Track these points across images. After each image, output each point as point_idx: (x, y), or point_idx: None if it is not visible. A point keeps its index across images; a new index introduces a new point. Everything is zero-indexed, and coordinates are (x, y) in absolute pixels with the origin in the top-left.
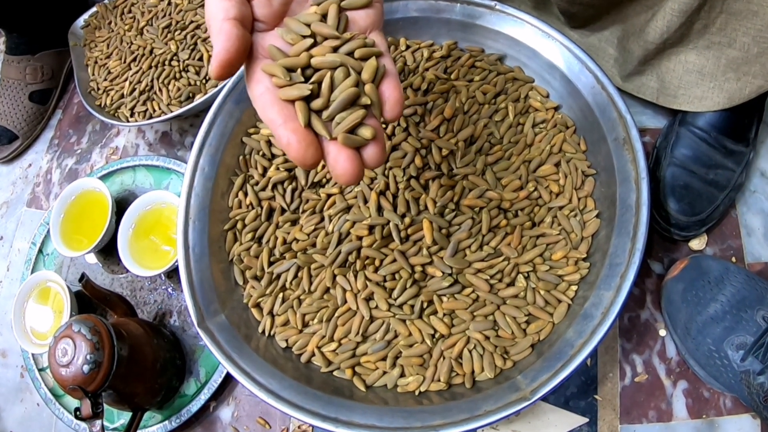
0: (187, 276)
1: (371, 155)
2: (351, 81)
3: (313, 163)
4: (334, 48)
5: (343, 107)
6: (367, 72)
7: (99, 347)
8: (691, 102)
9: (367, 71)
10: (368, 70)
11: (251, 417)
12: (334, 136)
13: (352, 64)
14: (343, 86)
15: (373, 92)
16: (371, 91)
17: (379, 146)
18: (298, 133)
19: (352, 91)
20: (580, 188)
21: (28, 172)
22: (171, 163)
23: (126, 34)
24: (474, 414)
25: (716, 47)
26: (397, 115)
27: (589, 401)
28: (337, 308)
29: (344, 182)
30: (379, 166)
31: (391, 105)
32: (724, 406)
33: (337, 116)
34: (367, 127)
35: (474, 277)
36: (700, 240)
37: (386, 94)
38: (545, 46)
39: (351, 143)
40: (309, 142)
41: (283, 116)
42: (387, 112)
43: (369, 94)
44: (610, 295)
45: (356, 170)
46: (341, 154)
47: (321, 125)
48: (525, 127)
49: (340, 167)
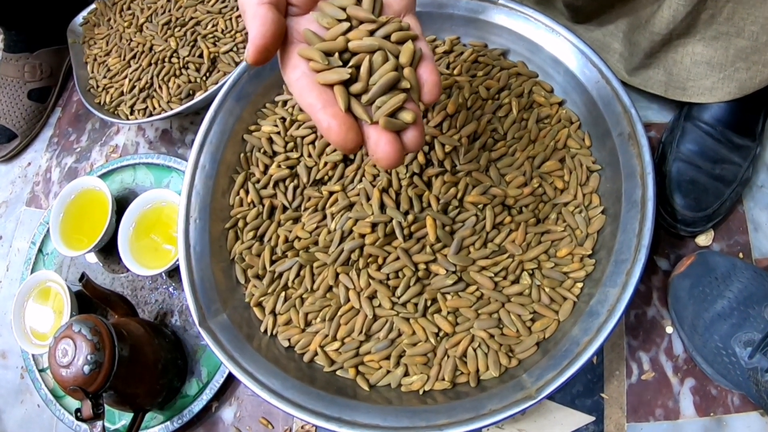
0: (189, 275)
1: (411, 139)
2: (390, 65)
3: (354, 147)
4: (371, 32)
5: (383, 91)
6: (405, 56)
7: (100, 347)
8: (701, 94)
9: (404, 55)
10: (406, 54)
11: (254, 417)
12: (375, 120)
13: (390, 48)
14: (382, 70)
15: (413, 76)
16: (410, 74)
17: (419, 130)
18: (339, 117)
19: (392, 75)
20: (585, 184)
21: (28, 170)
22: (171, 161)
23: (125, 31)
24: (479, 413)
25: (724, 37)
26: (435, 98)
27: (596, 399)
28: (339, 307)
29: (385, 166)
30: (418, 149)
31: (429, 88)
32: (732, 404)
33: (377, 100)
34: (407, 111)
35: (478, 275)
36: (706, 236)
37: (424, 78)
38: (549, 41)
39: (392, 127)
40: (349, 126)
41: (323, 101)
42: (425, 95)
43: (408, 78)
44: (615, 292)
45: (397, 154)
46: (382, 138)
47: (361, 109)
48: (529, 122)
49: (381, 151)
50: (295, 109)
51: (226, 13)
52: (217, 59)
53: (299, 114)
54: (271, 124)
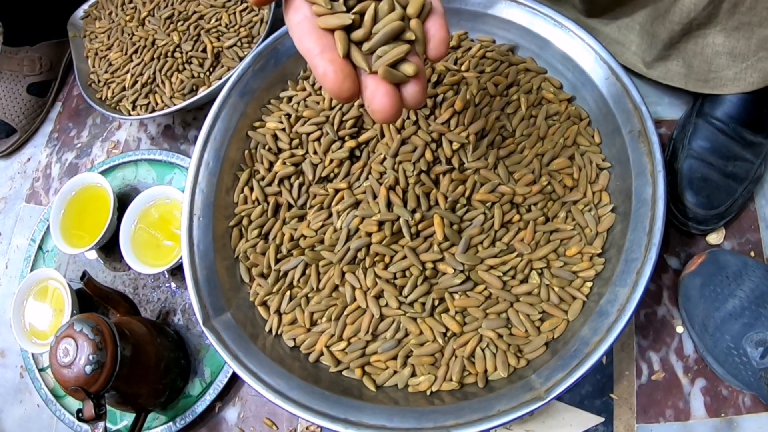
0: (192, 273)
1: (412, 93)
2: (396, 15)
3: (349, 96)
4: None
5: (385, 40)
6: (413, 7)
7: (101, 347)
8: (723, 85)
9: (413, 6)
10: (414, 5)
11: (258, 418)
12: (374, 70)
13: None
14: (387, 19)
15: (419, 28)
16: (417, 26)
17: (420, 84)
18: (336, 63)
19: (396, 24)
20: (594, 182)
21: (27, 166)
22: (174, 157)
23: (127, 25)
24: (487, 414)
25: (746, 27)
26: (442, 54)
27: (605, 400)
28: (346, 306)
29: (380, 119)
30: (419, 106)
31: (436, 43)
32: (743, 405)
33: (378, 49)
34: (409, 63)
35: (486, 274)
36: (718, 234)
37: (431, 32)
38: (558, 36)
39: (392, 78)
40: (347, 74)
41: (321, 45)
42: (431, 50)
43: (414, 30)
44: (625, 292)
45: (394, 107)
46: (380, 88)
47: (361, 57)
48: (538, 119)
49: (377, 102)
50: (300, 106)
51: (229, 7)
52: (221, 54)
53: (305, 110)
54: (276, 120)
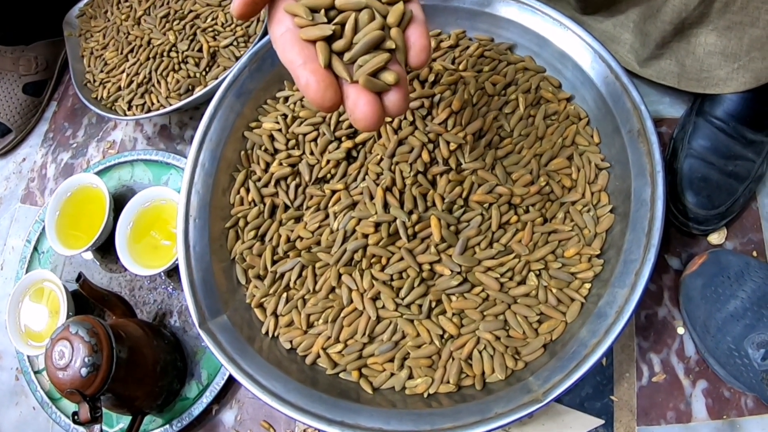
0: (188, 275)
1: (393, 101)
2: (376, 24)
3: (331, 105)
4: None
5: (366, 50)
6: (393, 16)
7: (97, 349)
8: (715, 84)
9: (393, 15)
10: (394, 14)
11: (255, 420)
12: (355, 79)
13: (378, 7)
14: (367, 29)
15: (399, 36)
16: (397, 35)
17: (401, 92)
18: (318, 74)
19: (376, 34)
20: (593, 182)
21: (22, 166)
22: (170, 157)
23: (123, 24)
24: (485, 416)
25: (738, 27)
26: (423, 62)
27: (605, 402)
28: (342, 308)
29: (362, 127)
30: (400, 114)
31: (416, 51)
32: (745, 406)
33: (359, 59)
34: (390, 72)
35: (484, 276)
36: (719, 234)
37: (412, 40)
38: (557, 35)
39: (372, 87)
40: (328, 84)
41: (304, 56)
42: (412, 58)
43: (394, 38)
44: (624, 293)
45: (376, 115)
46: (361, 97)
47: (342, 67)
48: (536, 119)
49: (359, 111)
50: (297, 106)
51: (225, 6)
52: (217, 53)
53: (301, 111)
54: (272, 120)
